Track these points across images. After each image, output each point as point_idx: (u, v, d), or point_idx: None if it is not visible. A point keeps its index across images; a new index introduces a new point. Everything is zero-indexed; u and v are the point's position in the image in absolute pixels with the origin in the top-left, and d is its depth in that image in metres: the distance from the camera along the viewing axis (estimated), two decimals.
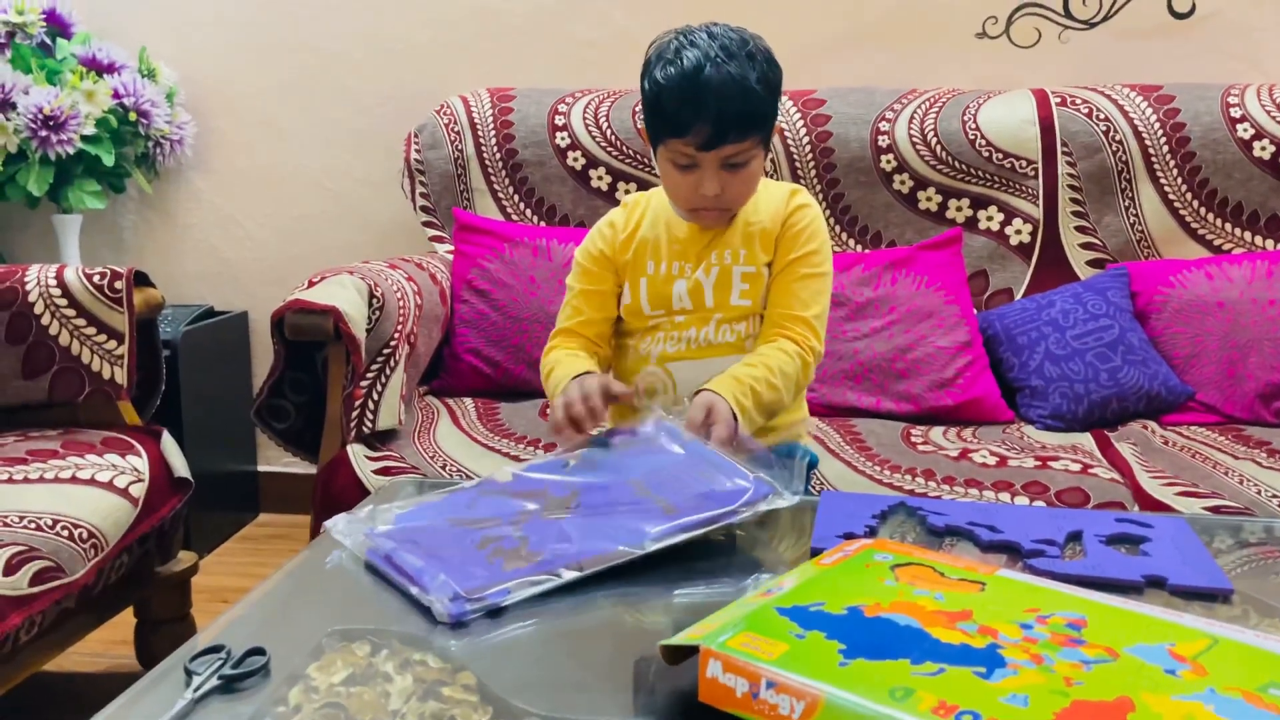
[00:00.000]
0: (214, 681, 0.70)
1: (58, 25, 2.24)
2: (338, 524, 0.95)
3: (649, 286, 1.28)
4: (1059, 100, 2.00)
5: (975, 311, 1.93)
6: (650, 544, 0.88)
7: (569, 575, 0.84)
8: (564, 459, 1.07)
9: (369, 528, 0.94)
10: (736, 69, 1.14)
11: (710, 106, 1.13)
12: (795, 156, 2.03)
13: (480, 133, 2.13)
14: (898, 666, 0.63)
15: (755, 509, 0.93)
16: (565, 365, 1.23)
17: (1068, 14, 2.13)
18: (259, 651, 0.72)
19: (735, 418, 1.12)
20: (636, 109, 2.03)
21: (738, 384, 1.16)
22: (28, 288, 1.54)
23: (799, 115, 2.04)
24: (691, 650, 0.68)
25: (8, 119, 2.08)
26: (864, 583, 0.76)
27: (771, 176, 2.04)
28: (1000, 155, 1.98)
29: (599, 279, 1.31)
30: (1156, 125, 1.95)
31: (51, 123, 2.08)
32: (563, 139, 2.09)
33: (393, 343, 1.68)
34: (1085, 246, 1.99)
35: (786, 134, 2.03)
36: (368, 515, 0.96)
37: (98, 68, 2.20)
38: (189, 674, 0.71)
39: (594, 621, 0.81)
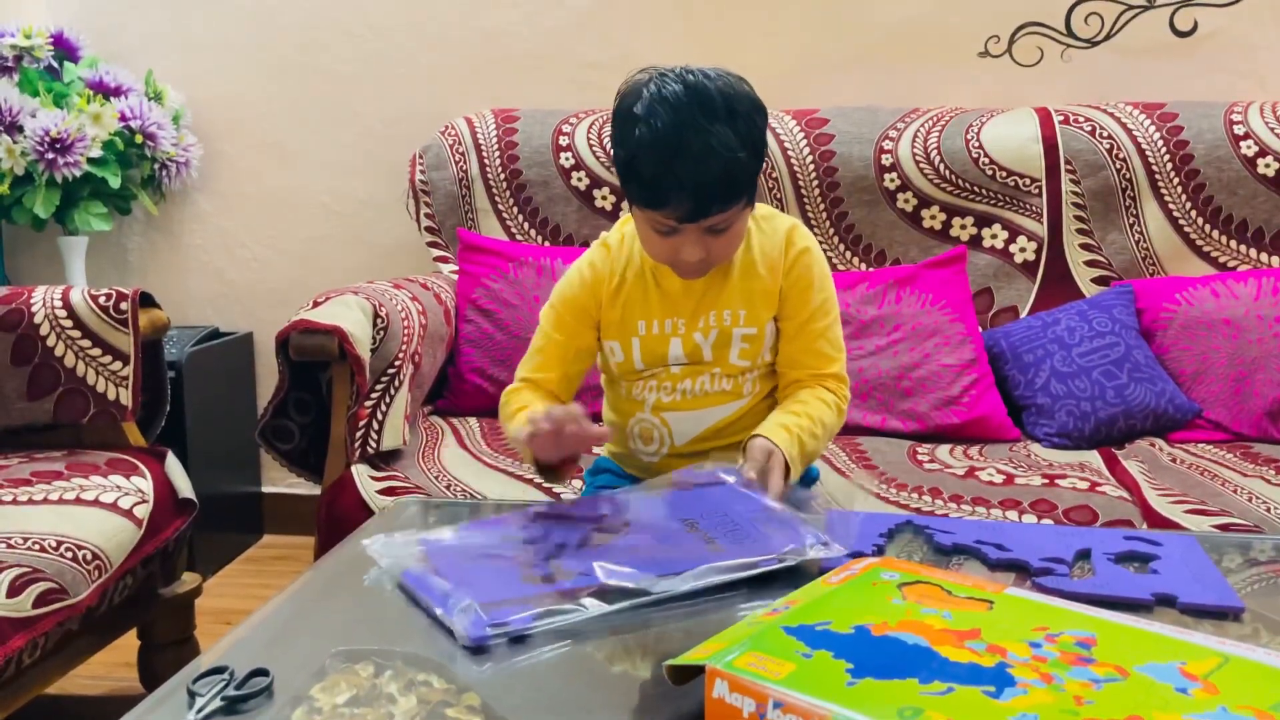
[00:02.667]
0: (217, 703, 0.69)
1: (65, 49, 2.25)
2: (376, 542, 0.95)
3: (642, 346, 1.21)
4: (1062, 118, 2.00)
5: (980, 329, 1.93)
6: (681, 585, 0.86)
7: (594, 609, 0.83)
8: (625, 492, 1.06)
9: (419, 540, 0.94)
10: (718, 136, 1.02)
11: (690, 181, 1.02)
12: (799, 175, 2.03)
13: (485, 153, 2.13)
14: (906, 686, 0.62)
15: (800, 556, 0.92)
16: (536, 403, 1.17)
17: (1070, 33, 2.14)
18: (262, 672, 0.72)
19: (788, 468, 1.10)
20: None
21: (788, 434, 1.12)
22: (33, 309, 1.55)
23: (802, 135, 2.04)
24: (697, 670, 0.67)
25: (15, 142, 2.10)
26: (871, 601, 0.76)
27: (773, 196, 2.04)
28: (1004, 173, 1.98)
29: (574, 332, 1.22)
30: (1160, 143, 1.95)
31: (58, 145, 2.09)
32: (567, 159, 2.10)
33: (397, 363, 1.68)
34: (1090, 264, 1.99)
35: (790, 153, 2.04)
36: (406, 536, 0.96)
37: (104, 90, 2.21)
38: (192, 695, 0.70)
39: (603, 641, 0.80)
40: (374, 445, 1.63)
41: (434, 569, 0.89)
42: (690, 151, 1.02)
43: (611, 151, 1.13)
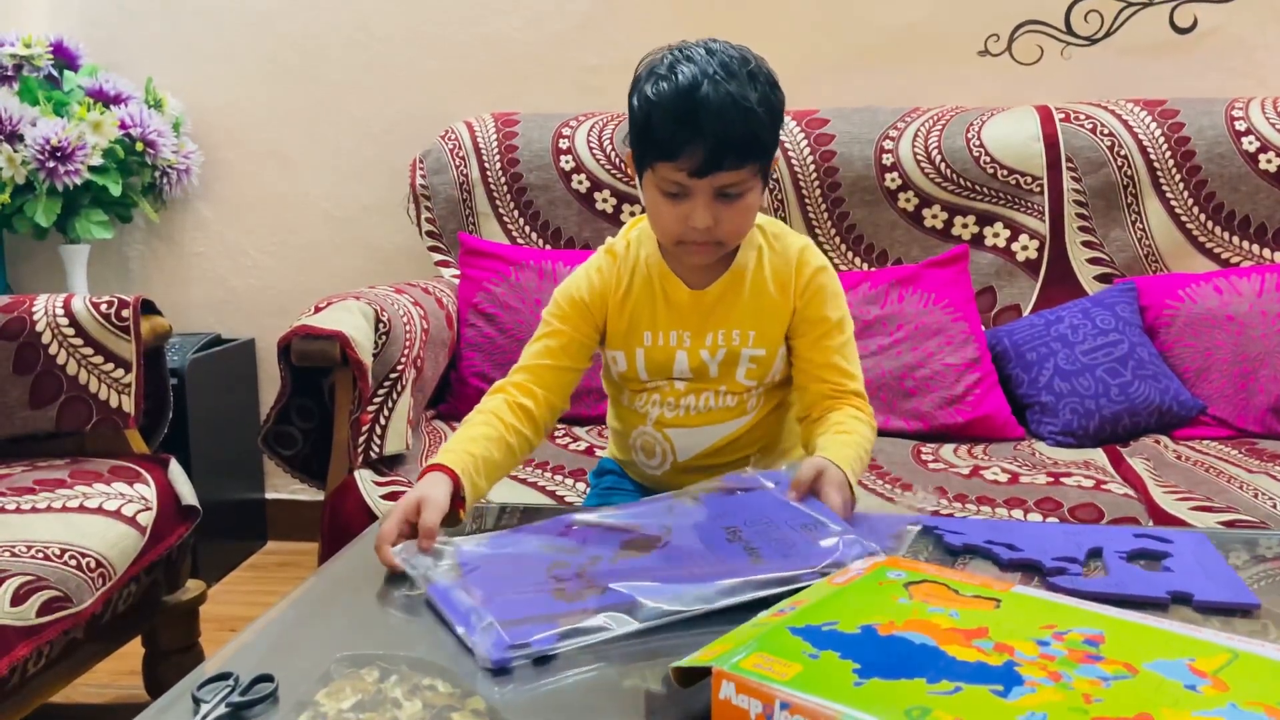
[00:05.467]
0: (222, 709, 0.69)
1: (65, 57, 2.25)
2: (403, 550, 0.92)
3: (646, 357, 1.18)
4: (1063, 116, 2.00)
5: (983, 328, 1.92)
6: (716, 601, 0.82)
7: (619, 628, 0.80)
8: (668, 499, 1.03)
9: (455, 549, 0.91)
10: (736, 88, 1.03)
11: (706, 127, 1.02)
12: (800, 176, 2.03)
13: (485, 157, 2.13)
14: (913, 686, 0.62)
15: (842, 565, 0.87)
16: (464, 439, 1.09)
17: (1069, 30, 2.14)
18: (267, 678, 0.72)
19: (849, 485, 1.04)
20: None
21: (842, 450, 1.07)
22: (35, 317, 1.55)
23: (803, 135, 2.04)
24: (704, 672, 0.67)
25: (15, 151, 2.10)
26: (877, 601, 0.75)
27: (774, 197, 2.04)
28: (1005, 172, 1.98)
29: (577, 326, 1.19)
30: (1161, 140, 1.95)
31: (59, 154, 2.09)
32: (567, 162, 2.10)
33: (399, 367, 1.68)
34: (1092, 262, 1.99)
35: (791, 154, 2.03)
36: (441, 543, 0.93)
37: (104, 99, 2.21)
38: (196, 702, 0.70)
39: (610, 644, 0.79)
40: (377, 450, 1.63)
41: (463, 581, 0.86)
42: (708, 99, 1.02)
43: (625, 134, 1.11)
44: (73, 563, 1.26)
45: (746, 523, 0.95)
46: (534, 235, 2.13)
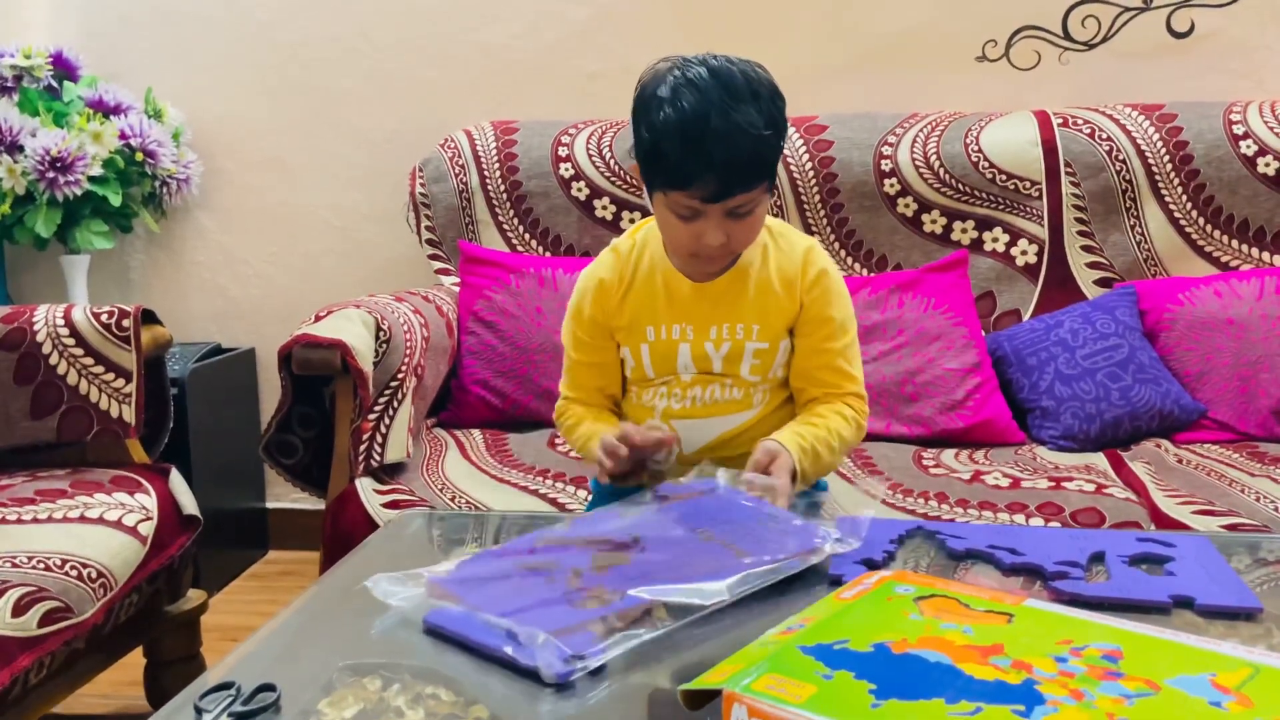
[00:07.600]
0: (224, 719, 0.69)
1: (65, 68, 2.26)
2: (380, 584, 0.88)
3: (651, 351, 1.20)
4: (1061, 121, 2.00)
5: (983, 333, 1.92)
6: (730, 594, 0.82)
7: (663, 627, 0.79)
8: (618, 510, 1.02)
9: (426, 579, 0.88)
10: (744, 115, 1.03)
11: (717, 159, 1.03)
12: (799, 182, 2.03)
13: (484, 165, 2.14)
14: (933, 707, 0.60)
15: (820, 555, 0.91)
16: (592, 424, 1.22)
17: (1067, 35, 2.14)
18: (269, 688, 0.72)
19: (794, 475, 1.06)
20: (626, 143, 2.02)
21: (800, 439, 1.10)
22: (36, 328, 1.55)
23: (801, 141, 2.04)
24: (713, 694, 0.65)
25: (16, 161, 2.10)
26: (888, 617, 0.73)
27: (774, 204, 2.04)
28: (1004, 177, 1.98)
29: (596, 350, 1.23)
30: (1159, 144, 1.95)
31: (59, 164, 2.09)
32: (566, 170, 2.10)
33: (400, 375, 1.68)
34: (1092, 266, 1.99)
35: (790, 160, 2.04)
36: (409, 574, 0.90)
37: (104, 109, 2.22)
38: (199, 712, 0.70)
39: (622, 658, 0.77)
40: (378, 459, 1.63)
41: (470, 604, 0.82)
42: (717, 131, 1.03)
43: (632, 140, 1.12)
44: (74, 573, 1.26)
45: (712, 524, 0.96)
46: (534, 243, 2.13)
